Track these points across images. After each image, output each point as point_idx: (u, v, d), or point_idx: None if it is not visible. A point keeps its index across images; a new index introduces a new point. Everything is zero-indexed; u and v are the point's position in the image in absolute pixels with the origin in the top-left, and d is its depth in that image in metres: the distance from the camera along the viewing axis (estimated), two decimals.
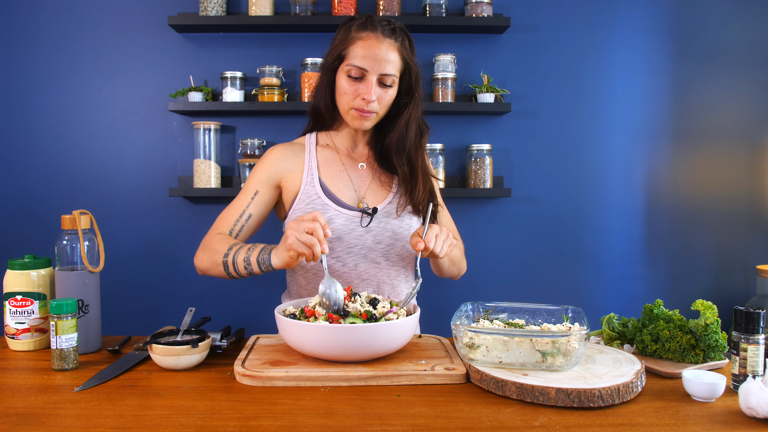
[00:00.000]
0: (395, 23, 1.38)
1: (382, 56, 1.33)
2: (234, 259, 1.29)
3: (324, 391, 1.03)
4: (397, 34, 1.36)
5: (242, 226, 1.42)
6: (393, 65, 1.35)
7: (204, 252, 1.36)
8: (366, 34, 1.34)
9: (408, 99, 1.42)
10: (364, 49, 1.33)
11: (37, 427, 0.89)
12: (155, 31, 2.40)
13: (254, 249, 1.28)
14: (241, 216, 1.42)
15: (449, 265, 1.48)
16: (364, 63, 1.33)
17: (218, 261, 1.32)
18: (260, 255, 1.27)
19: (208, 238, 1.39)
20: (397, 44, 1.36)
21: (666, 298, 2.47)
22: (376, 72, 1.34)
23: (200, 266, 1.38)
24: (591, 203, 2.51)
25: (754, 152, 2.54)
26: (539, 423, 0.91)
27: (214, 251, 1.33)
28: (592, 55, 2.48)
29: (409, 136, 1.42)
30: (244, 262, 1.28)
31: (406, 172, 1.44)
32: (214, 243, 1.35)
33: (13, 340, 1.29)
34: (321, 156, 1.47)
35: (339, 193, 1.43)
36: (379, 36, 1.34)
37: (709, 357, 1.16)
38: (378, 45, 1.33)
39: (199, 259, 1.38)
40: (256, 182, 1.44)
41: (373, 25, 1.35)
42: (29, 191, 2.42)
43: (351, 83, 1.35)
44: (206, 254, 1.35)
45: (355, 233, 1.41)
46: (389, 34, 1.35)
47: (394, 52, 1.35)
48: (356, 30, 1.35)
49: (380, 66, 1.33)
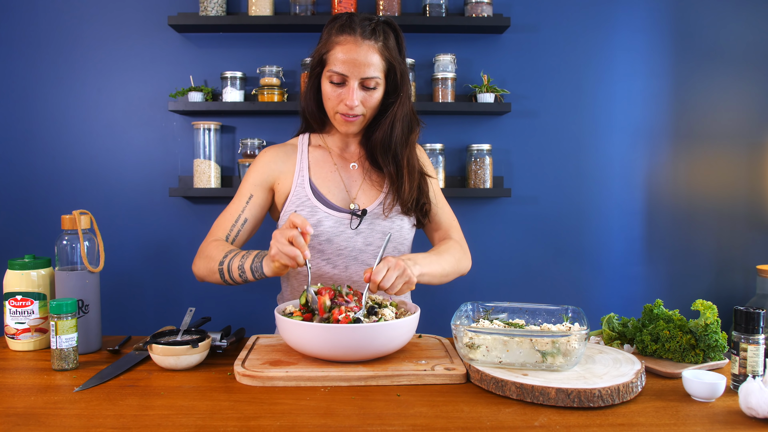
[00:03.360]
0: (378, 20, 1.35)
1: (361, 60, 1.30)
2: (229, 267, 1.28)
3: (324, 391, 1.03)
4: (377, 34, 1.32)
5: (238, 231, 1.41)
6: (374, 68, 1.32)
7: (201, 259, 1.36)
8: (344, 38, 1.31)
9: (394, 98, 1.39)
10: (344, 53, 1.30)
11: (37, 427, 0.89)
12: (155, 31, 2.40)
13: (248, 256, 1.27)
14: (236, 221, 1.41)
15: (440, 278, 1.38)
16: (343, 69, 1.31)
17: (214, 269, 1.31)
18: (253, 263, 1.25)
19: (205, 244, 1.38)
20: (378, 45, 1.32)
21: (666, 298, 2.47)
22: (356, 77, 1.31)
23: (198, 274, 1.37)
24: (591, 203, 2.51)
25: (754, 152, 2.54)
26: (539, 423, 0.91)
27: (210, 258, 1.32)
28: (592, 55, 2.48)
29: (394, 134, 1.39)
30: (238, 270, 1.27)
31: (392, 171, 1.42)
32: (210, 250, 1.34)
33: (13, 340, 1.29)
34: (312, 157, 1.46)
35: (329, 194, 1.42)
36: (357, 39, 1.30)
37: (709, 357, 1.16)
38: (356, 49, 1.30)
39: (196, 267, 1.37)
40: (249, 186, 1.43)
41: (352, 28, 1.31)
42: (29, 191, 2.42)
43: (334, 88, 1.34)
44: (203, 261, 1.35)
45: (344, 235, 1.40)
46: (369, 35, 1.31)
47: (375, 54, 1.32)
48: (336, 33, 1.32)
49: (360, 70, 1.31)
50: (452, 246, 1.47)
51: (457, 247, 1.48)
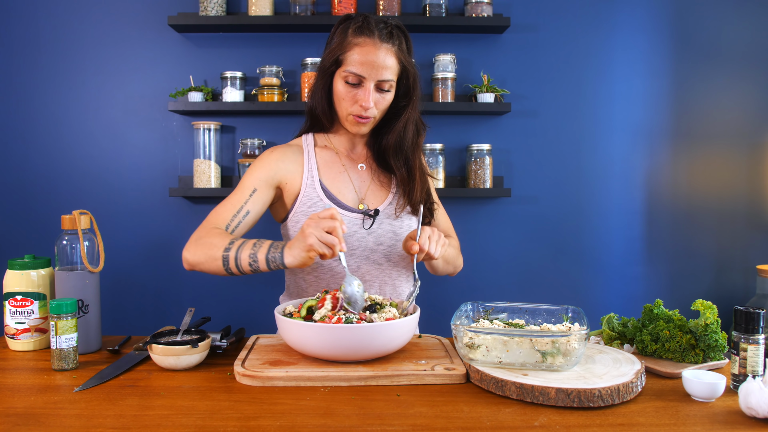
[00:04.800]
0: (392, 23, 1.36)
1: (379, 63, 1.32)
2: (237, 255, 1.23)
3: (324, 391, 1.03)
4: (394, 38, 1.34)
5: (239, 222, 1.36)
6: (390, 71, 1.34)
7: (198, 246, 1.29)
8: (363, 39, 1.32)
9: (406, 101, 1.41)
10: (362, 55, 1.31)
11: (37, 427, 0.89)
12: (155, 31, 2.40)
13: (261, 246, 1.23)
14: (238, 212, 1.37)
15: (444, 264, 1.47)
16: (361, 70, 1.32)
17: (216, 255, 1.25)
18: (270, 253, 1.21)
19: (203, 231, 1.32)
20: (395, 48, 1.34)
21: (666, 298, 2.47)
22: (373, 79, 1.33)
23: (191, 260, 1.30)
24: (591, 203, 2.51)
25: (754, 152, 2.54)
26: (539, 423, 0.91)
27: (211, 245, 1.26)
28: (592, 55, 2.48)
29: (407, 137, 1.42)
30: (249, 259, 1.23)
31: (404, 174, 1.44)
32: (211, 237, 1.29)
33: (13, 340, 1.29)
34: (320, 157, 1.46)
35: (340, 195, 1.43)
36: (376, 42, 1.32)
37: (709, 357, 1.16)
38: (375, 51, 1.31)
39: (190, 252, 1.30)
40: (254, 180, 1.40)
41: (370, 30, 1.32)
42: (29, 191, 2.42)
43: (348, 89, 1.35)
44: (201, 248, 1.28)
45: (357, 235, 1.41)
46: (386, 38, 1.33)
47: (392, 57, 1.33)
48: (353, 34, 1.33)
49: (378, 73, 1.32)
50: (453, 242, 1.55)
51: (457, 244, 1.57)
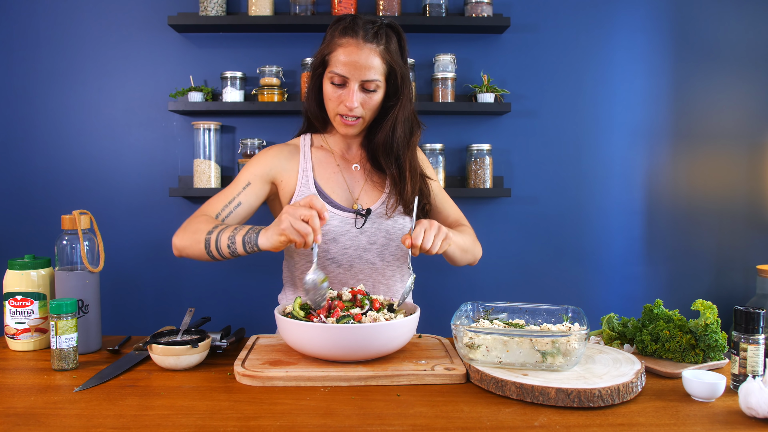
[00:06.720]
0: (381, 23, 1.36)
1: (362, 63, 1.32)
2: (218, 238, 1.25)
3: (324, 391, 1.03)
4: (380, 38, 1.33)
5: (230, 212, 1.38)
6: (375, 71, 1.33)
7: (185, 231, 1.32)
8: (346, 40, 1.32)
9: (394, 101, 1.40)
10: (345, 55, 1.32)
11: (37, 427, 0.89)
12: (155, 31, 2.40)
13: (240, 229, 1.25)
14: (230, 203, 1.39)
15: (461, 253, 1.43)
16: (344, 71, 1.32)
17: (200, 239, 1.27)
18: (247, 235, 1.23)
19: (193, 218, 1.35)
20: (380, 48, 1.33)
21: (666, 298, 2.47)
22: (357, 79, 1.33)
23: (179, 244, 1.33)
24: (591, 203, 2.51)
25: (754, 152, 2.54)
26: (539, 423, 0.91)
27: (196, 230, 1.29)
28: (592, 55, 2.48)
29: (396, 137, 1.41)
30: (228, 241, 1.24)
31: (395, 173, 1.43)
32: (198, 223, 1.32)
33: (13, 340, 1.29)
34: (315, 157, 1.47)
35: (333, 194, 1.43)
36: (359, 42, 1.32)
37: (709, 357, 1.16)
38: (358, 52, 1.31)
39: (178, 238, 1.33)
40: (249, 174, 1.42)
41: (354, 30, 1.32)
42: (29, 191, 2.42)
43: (334, 89, 1.35)
44: (187, 233, 1.31)
45: (349, 234, 1.41)
46: (371, 38, 1.32)
47: (376, 57, 1.33)
48: (339, 35, 1.34)
49: (361, 73, 1.32)
50: (466, 229, 1.53)
51: (471, 231, 1.55)
